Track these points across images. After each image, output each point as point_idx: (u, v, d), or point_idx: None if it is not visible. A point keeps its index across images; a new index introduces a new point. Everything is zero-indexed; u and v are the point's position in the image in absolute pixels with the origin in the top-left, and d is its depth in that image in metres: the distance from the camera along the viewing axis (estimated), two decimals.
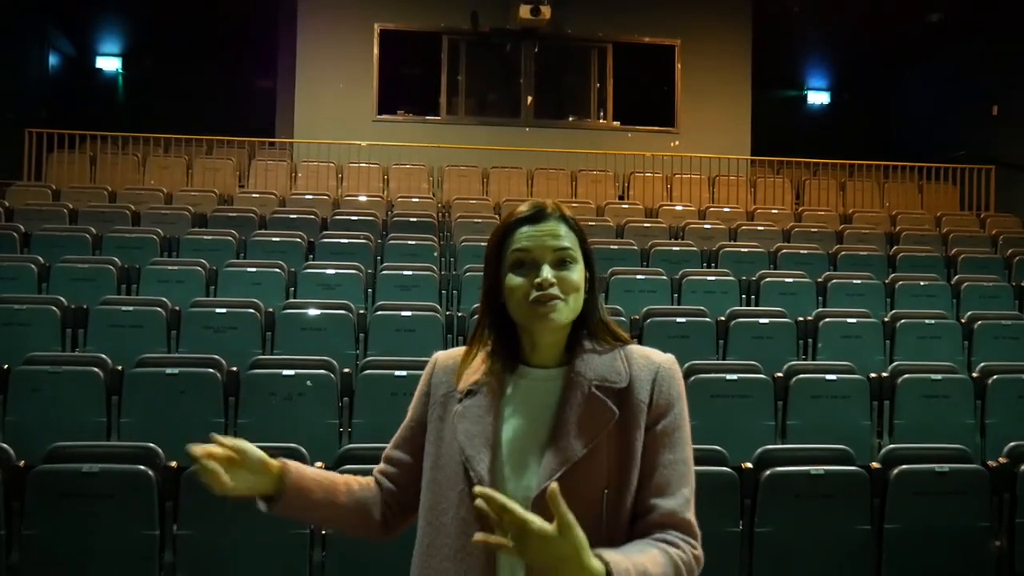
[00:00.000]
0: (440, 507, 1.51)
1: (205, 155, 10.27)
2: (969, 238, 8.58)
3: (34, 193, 8.57)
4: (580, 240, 1.55)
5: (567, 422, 1.49)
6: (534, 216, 1.54)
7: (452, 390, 1.57)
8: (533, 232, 1.53)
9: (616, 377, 1.51)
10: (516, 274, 1.52)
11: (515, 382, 1.56)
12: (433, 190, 10.01)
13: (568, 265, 1.52)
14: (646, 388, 1.51)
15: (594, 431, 1.48)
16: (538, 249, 1.51)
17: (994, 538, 3.70)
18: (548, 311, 1.49)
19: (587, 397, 1.50)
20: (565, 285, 1.50)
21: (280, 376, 4.38)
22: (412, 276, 6.29)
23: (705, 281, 6.54)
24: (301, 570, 3.32)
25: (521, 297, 1.50)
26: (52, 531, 3.26)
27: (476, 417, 1.52)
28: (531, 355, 1.56)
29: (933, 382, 4.76)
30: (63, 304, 5.26)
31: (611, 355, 1.54)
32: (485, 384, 1.54)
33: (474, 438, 1.50)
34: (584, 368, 1.52)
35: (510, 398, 1.55)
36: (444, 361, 1.63)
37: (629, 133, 11.22)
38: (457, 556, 1.48)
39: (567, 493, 1.41)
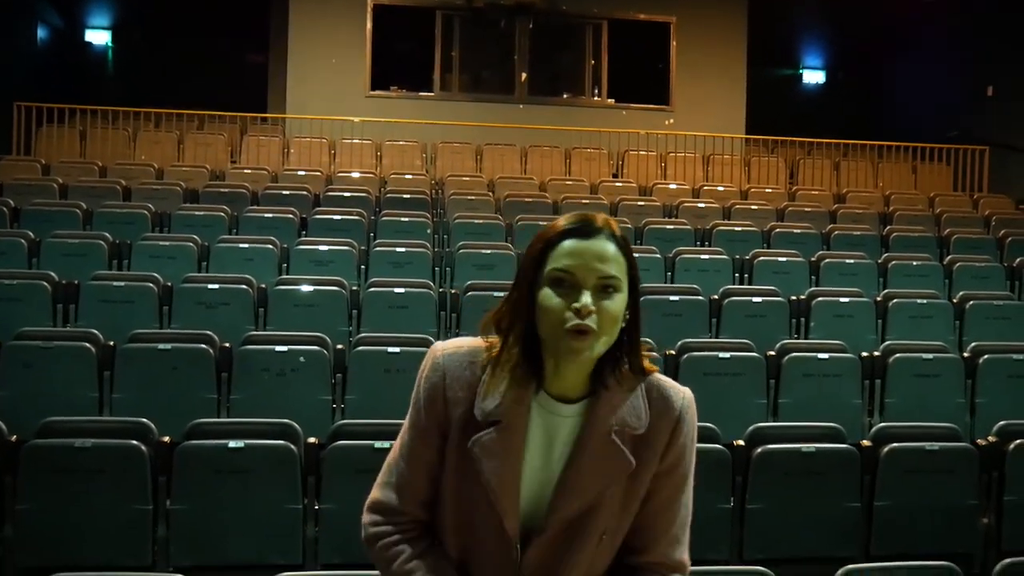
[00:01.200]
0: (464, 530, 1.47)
1: (196, 130, 10.18)
2: (962, 218, 8.60)
3: (23, 167, 8.50)
4: (628, 264, 1.42)
5: (581, 469, 1.43)
6: (583, 230, 1.41)
7: (470, 412, 1.44)
8: (579, 249, 1.39)
9: (636, 423, 1.45)
10: (554, 292, 1.39)
11: (537, 412, 1.45)
12: (426, 167, 9.96)
13: (611, 294, 1.39)
14: (663, 437, 1.46)
15: (607, 483, 1.43)
16: (581, 271, 1.38)
17: (982, 515, 3.74)
18: (581, 347, 1.37)
19: (605, 443, 1.43)
20: (604, 317, 1.38)
21: (273, 352, 4.37)
22: (405, 253, 6.27)
23: (698, 259, 6.54)
24: (294, 545, 3.33)
25: (555, 321, 1.38)
26: (45, 506, 3.25)
27: (503, 453, 1.42)
28: (553, 380, 1.45)
29: (924, 361, 4.78)
30: (54, 279, 5.24)
31: (634, 394, 1.46)
32: (509, 415, 1.42)
33: (503, 476, 1.42)
34: (604, 410, 1.44)
35: (532, 431, 1.45)
36: (453, 367, 1.46)
37: (624, 111, 11.17)
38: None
39: (571, 536, 1.45)
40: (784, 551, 3.49)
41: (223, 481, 3.31)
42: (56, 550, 3.21)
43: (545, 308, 1.39)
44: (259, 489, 3.31)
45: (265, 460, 3.33)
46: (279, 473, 3.33)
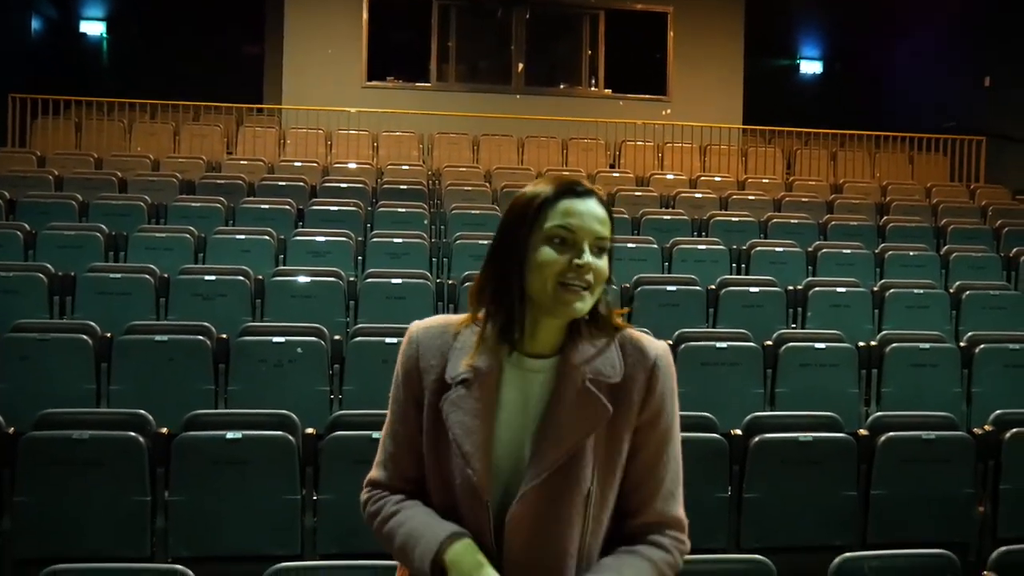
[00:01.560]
0: (443, 492, 1.49)
1: (192, 121, 10.15)
2: (959, 209, 8.60)
3: (19, 159, 8.47)
4: (611, 228, 1.49)
5: (558, 419, 1.45)
6: (579, 190, 1.46)
7: (443, 374, 1.48)
8: (579, 209, 1.44)
9: (610, 371, 1.47)
10: (553, 249, 1.43)
11: (509, 371, 1.49)
12: (423, 157, 9.94)
13: (603, 255, 1.46)
14: (640, 386, 1.47)
15: (585, 429, 1.44)
16: (583, 231, 1.43)
17: (978, 504, 3.75)
18: (575, 299, 1.42)
19: (580, 392, 1.45)
20: (597, 275, 1.44)
21: (270, 343, 4.37)
22: (402, 244, 6.26)
23: (696, 250, 6.54)
24: (293, 535, 3.33)
25: (553, 275, 1.42)
26: (43, 498, 3.25)
27: (471, 410, 1.45)
28: (530, 339, 1.48)
29: (921, 351, 4.79)
30: (50, 271, 5.22)
31: (606, 346, 1.49)
32: (480, 372, 1.46)
33: (471, 434, 1.44)
34: (578, 359, 1.47)
35: (505, 388, 1.48)
36: (427, 339, 1.51)
37: (620, 101, 11.15)
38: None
39: (554, 492, 1.44)
40: (781, 540, 3.50)
41: (221, 472, 3.31)
42: (54, 542, 3.21)
43: (544, 262, 1.42)
44: (257, 480, 3.31)
45: (263, 451, 3.33)
46: (277, 464, 3.34)
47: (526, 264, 1.44)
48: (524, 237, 1.45)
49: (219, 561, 3.24)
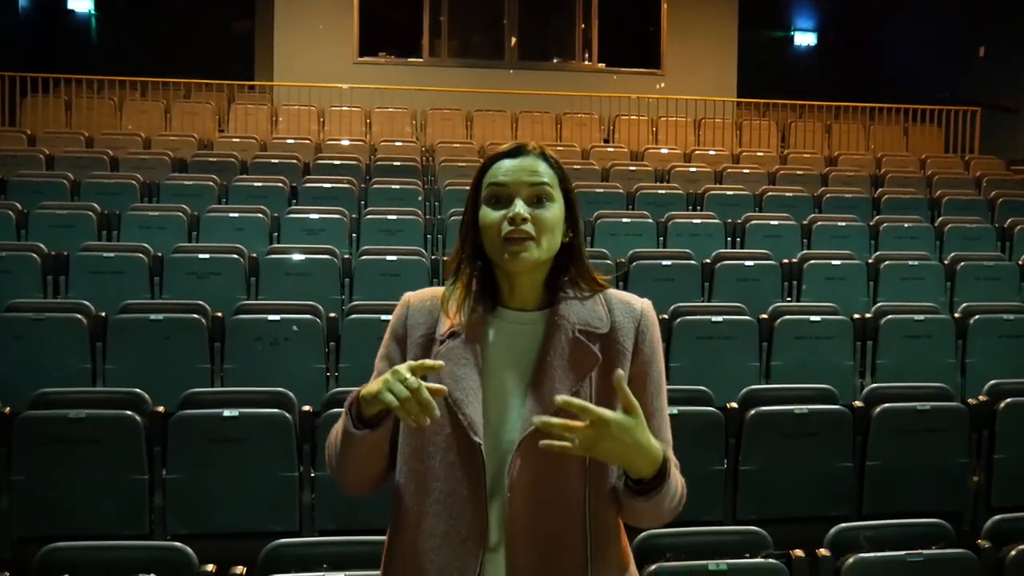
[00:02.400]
0: (426, 451, 1.50)
1: (183, 99, 10.06)
2: (953, 180, 8.59)
3: (9, 138, 8.40)
4: (560, 178, 1.52)
5: (551, 366, 1.48)
6: (513, 151, 1.52)
7: (432, 332, 1.53)
8: (511, 166, 1.50)
9: (598, 323, 1.51)
10: (491, 208, 1.49)
11: (496, 325, 1.53)
12: (416, 134, 9.89)
13: (544, 203, 1.49)
14: (629, 335, 1.52)
15: (577, 376, 1.48)
16: (514, 184, 1.49)
17: (972, 474, 3.78)
18: (519, 250, 1.46)
19: (570, 341, 1.49)
20: (539, 223, 1.47)
21: (265, 321, 4.36)
22: (397, 220, 6.24)
23: (690, 224, 6.53)
24: (291, 512, 3.34)
25: (494, 234, 1.47)
26: (40, 477, 3.26)
27: (460, 359, 1.49)
28: (510, 297, 1.53)
29: (916, 322, 4.80)
30: (43, 251, 5.20)
31: (591, 301, 1.53)
32: (467, 327, 1.50)
33: (460, 380, 1.47)
34: (567, 312, 1.51)
35: (492, 342, 1.52)
36: (418, 302, 1.57)
37: (614, 75, 11.09)
38: (448, 500, 1.48)
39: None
40: (777, 511, 3.52)
41: (218, 450, 3.32)
42: (53, 520, 3.22)
43: (485, 224, 1.49)
44: (254, 457, 3.32)
45: (260, 429, 3.34)
46: (274, 442, 3.34)
47: (477, 230, 1.51)
48: (472, 206, 1.53)
49: (217, 538, 3.25)
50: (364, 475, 1.55)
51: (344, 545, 2.55)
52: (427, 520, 1.49)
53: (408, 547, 1.51)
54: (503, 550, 1.46)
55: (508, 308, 1.54)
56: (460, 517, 1.47)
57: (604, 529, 1.50)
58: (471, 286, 1.54)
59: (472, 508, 1.46)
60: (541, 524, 1.45)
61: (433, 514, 1.49)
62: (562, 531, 1.47)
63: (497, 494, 1.47)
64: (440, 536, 1.47)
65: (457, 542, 1.46)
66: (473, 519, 1.46)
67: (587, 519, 1.48)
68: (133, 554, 2.51)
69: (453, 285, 1.56)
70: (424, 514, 1.49)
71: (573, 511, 1.47)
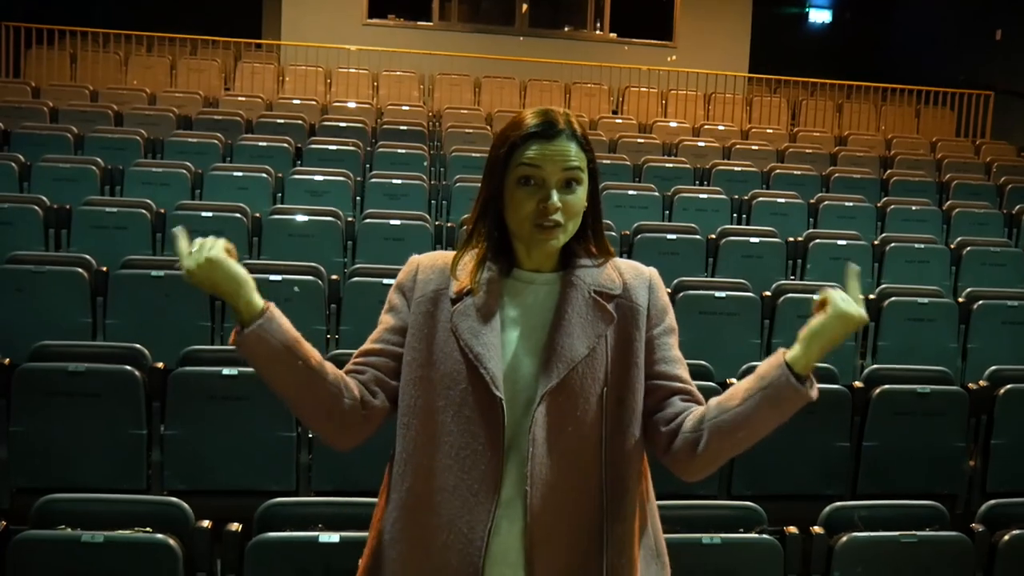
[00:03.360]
0: (436, 405, 1.50)
1: (189, 56, 9.98)
2: (963, 164, 8.53)
3: (12, 90, 8.33)
4: (589, 158, 1.54)
5: (569, 323, 1.51)
6: (546, 130, 1.51)
7: (444, 288, 1.55)
8: (545, 150, 1.50)
9: (611, 284, 1.56)
10: (522, 190, 1.50)
11: (512, 285, 1.56)
12: (424, 98, 9.81)
13: (574, 187, 1.52)
14: (643, 294, 1.57)
15: (595, 332, 1.51)
16: (548, 168, 1.50)
17: (969, 458, 3.78)
18: (549, 237, 1.50)
19: (586, 301, 1.53)
20: (569, 209, 1.51)
21: (267, 281, 4.34)
22: (401, 185, 6.21)
23: (697, 199, 6.50)
24: (288, 471, 3.35)
25: (525, 216, 1.50)
26: (39, 428, 3.26)
27: (480, 316, 1.51)
28: (526, 260, 1.57)
29: (919, 306, 4.78)
30: (45, 204, 5.17)
31: (603, 265, 1.58)
32: (484, 285, 1.53)
33: (480, 335, 1.49)
34: (582, 275, 1.56)
35: (508, 300, 1.55)
36: (428, 262, 1.60)
37: (625, 46, 10.97)
38: (460, 454, 1.48)
39: (569, 393, 1.49)
40: (772, 488, 3.53)
41: (217, 408, 3.32)
42: (51, 472, 3.23)
43: (515, 205, 1.51)
44: (253, 416, 3.31)
45: (259, 388, 3.26)
46: (274, 401, 3.30)
47: (503, 203, 1.52)
48: (499, 179, 1.52)
49: (214, 495, 3.26)
50: (319, 417, 1.54)
51: (339, 506, 2.55)
52: (436, 475, 1.49)
53: (410, 502, 1.51)
54: (520, 502, 1.47)
55: (523, 269, 1.57)
56: (472, 471, 1.47)
57: (620, 480, 1.51)
58: (487, 249, 1.56)
59: (486, 462, 1.46)
60: (561, 475, 1.47)
61: (442, 468, 1.48)
62: (579, 482, 1.49)
63: (513, 448, 1.48)
64: (449, 490, 1.48)
65: (468, 495, 1.46)
66: (487, 473, 1.46)
67: (603, 470, 1.49)
68: (130, 508, 2.52)
69: (465, 248, 1.58)
70: (433, 468, 1.49)
71: (590, 461, 1.49)
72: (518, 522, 1.47)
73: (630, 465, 1.53)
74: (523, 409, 1.49)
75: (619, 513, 1.51)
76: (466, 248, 1.58)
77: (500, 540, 1.47)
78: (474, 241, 1.57)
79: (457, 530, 1.46)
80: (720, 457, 1.53)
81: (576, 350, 1.49)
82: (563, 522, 1.47)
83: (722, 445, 1.50)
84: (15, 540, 2.34)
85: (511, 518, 1.47)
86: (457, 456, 1.48)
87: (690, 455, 1.51)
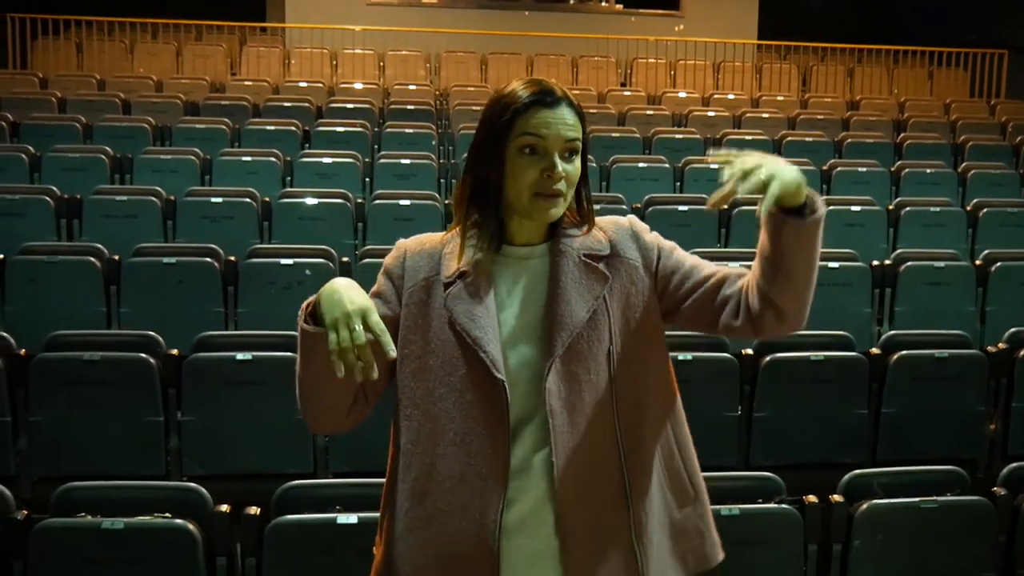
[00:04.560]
0: (437, 393, 1.50)
1: (195, 41, 9.96)
2: (978, 125, 8.41)
3: (20, 81, 8.35)
4: (583, 128, 1.53)
5: (565, 290, 1.51)
6: (547, 98, 1.49)
7: (435, 274, 1.53)
8: (548, 118, 1.48)
9: (599, 246, 1.56)
10: (525, 159, 1.48)
11: (502, 263, 1.55)
12: (431, 77, 9.75)
13: (573, 157, 1.51)
14: (630, 247, 1.57)
15: (592, 295, 1.51)
16: (552, 138, 1.48)
17: (989, 422, 3.75)
18: (550, 206, 1.49)
19: (578, 266, 1.53)
20: (570, 179, 1.50)
21: (278, 265, 4.34)
22: (410, 165, 6.18)
23: (708, 169, 6.42)
24: (305, 454, 3.36)
25: (527, 185, 1.48)
26: (57, 418, 3.29)
27: (474, 299, 1.50)
28: (518, 234, 1.56)
29: (936, 269, 4.73)
30: (56, 194, 5.18)
31: (588, 229, 1.58)
32: (475, 266, 1.52)
33: (476, 319, 1.48)
34: (569, 242, 1.55)
35: (501, 278, 1.54)
36: (416, 246, 1.58)
37: (632, 17, 10.87)
38: (465, 440, 1.48)
39: (576, 357, 1.49)
40: (791, 457, 3.51)
41: (232, 393, 3.33)
42: (70, 461, 3.26)
43: (519, 174, 1.48)
44: (268, 400, 3.32)
45: (273, 372, 3.34)
46: (288, 384, 3.32)
47: (502, 172, 1.49)
48: (499, 146, 1.49)
49: (233, 479, 3.27)
50: (330, 399, 1.51)
51: (357, 487, 2.56)
52: (441, 462, 1.49)
53: (419, 491, 1.50)
54: (530, 474, 1.47)
55: (512, 244, 1.56)
56: (479, 455, 1.47)
57: (635, 435, 1.52)
58: (479, 226, 1.54)
59: (492, 445, 1.46)
60: (581, 439, 1.48)
61: (448, 456, 1.48)
62: (599, 441, 1.49)
63: (521, 425, 1.48)
64: (457, 477, 1.47)
65: (477, 481, 1.46)
66: (493, 456, 1.46)
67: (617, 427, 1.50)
68: (148, 494, 2.53)
69: (454, 228, 1.56)
70: (438, 456, 1.49)
71: (607, 421, 1.50)
72: (532, 492, 1.48)
73: (645, 417, 1.53)
74: (527, 385, 1.49)
75: (638, 466, 1.52)
76: (455, 228, 1.57)
77: (514, 513, 1.47)
78: (464, 219, 1.55)
79: (470, 516, 1.46)
80: (794, 283, 1.47)
81: (577, 316, 1.49)
82: (587, 484, 1.48)
83: (764, 282, 1.47)
84: (36, 528, 2.36)
85: (525, 490, 1.48)
86: (462, 443, 1.48)
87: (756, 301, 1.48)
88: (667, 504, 1.55)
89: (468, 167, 1.55)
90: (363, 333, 1.36)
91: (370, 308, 1.39)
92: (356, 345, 1.35)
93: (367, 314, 1.38)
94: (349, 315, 1.37)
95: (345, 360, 1.35)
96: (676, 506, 1.56)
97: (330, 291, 1.42)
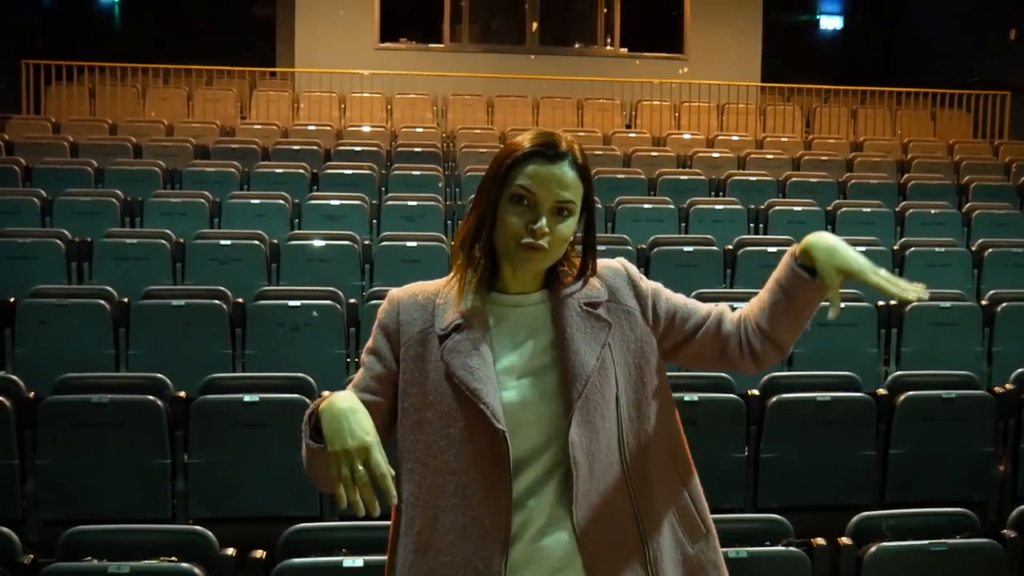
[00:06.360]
0: (437, 445, 1.50)
1: (205, 86, 10.10)
2: (982, 166, 8.45)
3: (33, 126, 8.48)
4: (586, 187, 1.52)
5: (572, 340, 1.52)
6: (547, 152, 1.50)
7: (429, 327, 1.53)
8: (543, 173, 1.49)
9: (597, 293, 1.58)
10: (514, 208, 1.49)
11: (496, 311, 1.56)
12: (437, 120, 9.87)
13: (565, 217, 1.50)
14: (628, 294, 1.60)
15: (598, 342, 1.53)
16: (541, 193, 1.48)
17: (998, 463, 3.72)
18: (530, 259, 1.49)
19: (580, 314, 1.54)
20: (556, 238, 1.49)
21: (286, 307, 4.38)
22: (417, 207, 6.23)
23: (713, 210, 6.47)
24: (311, 497, 3.36)
25: (510, 235, 1.49)
26: (65, 460, 3.29)
27: (471, 350, 1.50)
28: (511, 282, 1.56)
29: (942, 310, 4.73)
30: (67, 237, 5.24)
31: (584, 278, 1.59)
32: (470, 315, 1.52)
33: (474, 371, 1.48)
34: (568, 291, 1.57)
35: (496, 327, 1.54)
36: (408, 298, 1.57)
37: (637, 60, 10.99)
38: (466, 492, 1.48)
39: (592, 406, 1.51)
40: (799, 499, 3.49)
41: (239, 435, 3.34)
42: (77, 504, 3.26)
43: (504, 223, 1.50)
44: (275, 442, 3.32)
45: (280, 414, 3.35)
46: (295, 426, 3.34)
47: (495, 217, 1.51)
48: (494, 194, 1.51)
49: (239, 522, 3.27)
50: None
51: (363, 531, 2.55)
52: (443, 515, 1.49)
53: (422, 545, 1.50)
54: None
55: (506, 293, 1.56)
56: (481, 507, 1.47)
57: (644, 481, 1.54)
58: (472, 273, 1.54)
59: (495, 497, 1.46)
60: (597, 486, 1.50)
61: (450, 508, 1.48)
62: (613, 489, 1.51)
63: (522, 472, 1.48)
64: (460, 529, 1.48)
65: (479, 533, 1.46)
66: (497, 507, 1.46)
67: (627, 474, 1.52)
68: (155, 537, 2.53)
69: (456, 274, 1.57)
70: (440, 509, 1.49)
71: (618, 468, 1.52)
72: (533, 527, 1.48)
73: (651, 456, 1.55)
74: (529, 432, 1.50)
75: (649, 505, 1.54)
76: (448, 279, 1.57)
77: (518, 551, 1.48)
78: (466, 260, 1.55)
79: (473, 567, 1.46)
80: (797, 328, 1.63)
81: (588, 364, 1.51)
82: (605, 526, 1.50)
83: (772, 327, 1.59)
84: (43, 573, 2.35)
85: (527, 524, 1.48)
86: (464, 495, 1.48)
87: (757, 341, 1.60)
88: (678, 541, 1.56)
89: (469, 212, 1.57)
90: (365, 475, 1.37)
91: (372, 446, 1.39)
92: (359, 485, 1.37)
93: (369, 453, 1.38)
94: (351, 454, 1.38)
95: (348, 496, 1.37)
96: (688, 542, 1.57)
97: (330, 416, 1.42)
